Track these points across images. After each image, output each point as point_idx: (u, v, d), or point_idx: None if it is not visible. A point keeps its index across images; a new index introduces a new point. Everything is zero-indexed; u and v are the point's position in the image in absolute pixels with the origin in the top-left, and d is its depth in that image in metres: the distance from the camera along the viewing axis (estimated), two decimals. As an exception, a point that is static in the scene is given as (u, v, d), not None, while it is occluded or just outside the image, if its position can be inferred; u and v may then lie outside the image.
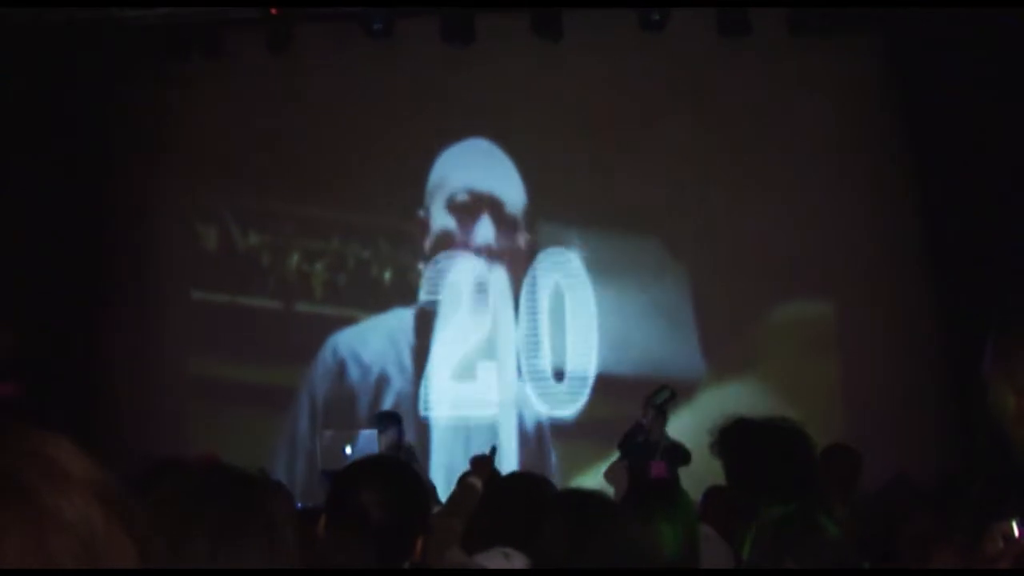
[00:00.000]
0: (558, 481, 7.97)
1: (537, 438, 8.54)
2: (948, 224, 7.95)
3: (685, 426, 7.53)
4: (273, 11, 8.11)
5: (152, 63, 8.44)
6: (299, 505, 5.87)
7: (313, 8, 8.28)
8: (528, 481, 3.43)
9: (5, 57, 7.37)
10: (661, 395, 7.00)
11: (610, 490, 6.51)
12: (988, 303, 7.00)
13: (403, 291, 8.77)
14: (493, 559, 2.70)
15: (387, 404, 8.40)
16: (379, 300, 8.76)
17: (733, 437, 2.99)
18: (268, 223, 8.73)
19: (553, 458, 8.49)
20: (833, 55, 8.36)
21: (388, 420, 7.21)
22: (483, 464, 5.50)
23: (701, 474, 4.93)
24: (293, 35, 8.39)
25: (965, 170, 7.69)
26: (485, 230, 8.77)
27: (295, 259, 8.76)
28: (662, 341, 8.51)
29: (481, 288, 8.68)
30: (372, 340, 8.68)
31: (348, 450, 6.92)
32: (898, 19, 8.06)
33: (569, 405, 8.57)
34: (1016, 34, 7.01)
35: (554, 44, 8.30)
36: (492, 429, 8.44)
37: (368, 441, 6.90)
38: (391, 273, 8.79)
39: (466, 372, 8.63)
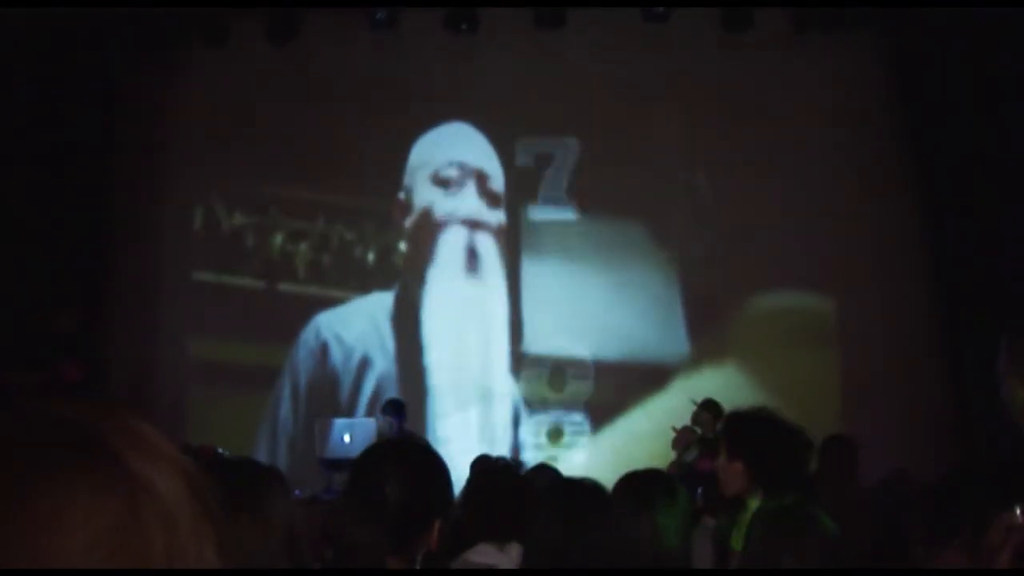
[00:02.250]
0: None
1: (515, 420, 8.51)
2: (948, 219, 7.95)
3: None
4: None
5: (154, 51, 8.42)
6: (297, 493, 5.85)
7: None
8: (514, 473, 3.41)
9: (9, 44, 7.36)
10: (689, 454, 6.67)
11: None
12: (987, 299, 7.00)
13: (388, 272, 8.76)
14: (485, 554, 2.67)
15: (369, 387, 8.39)
16: (364, 281, 8.75)
17: (734, 430, 2.99)
18: (265, 206, 8.71)
19: (531, 439, 8.47)
20: (836, 52, 8.33)
21: (389, 408, 7.21)
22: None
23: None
24: (296, 24, 8.37)
25: (967, 167, 7.68)
26: (469, 208, 8.75)
27: (301, 243, 8.75)
28: (654, 330, 8.52)
29: (468, 268, 8.66)
30: (354, 322, 8.65)
31: (347, 438, 6.92)
32: (901, 17, 8.03)
33: (575, 392, 8.55)
34: (1018, 33, 6.97)
35: (556, 35, 8.29)
36: (478, 409, 8.45)
37: (366, 429, 6.90)
38: (381, 252, 8.79)
39: (452, 352, 8.61)
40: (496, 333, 8.64)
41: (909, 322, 8.16)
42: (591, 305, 8.59)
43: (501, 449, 8.08)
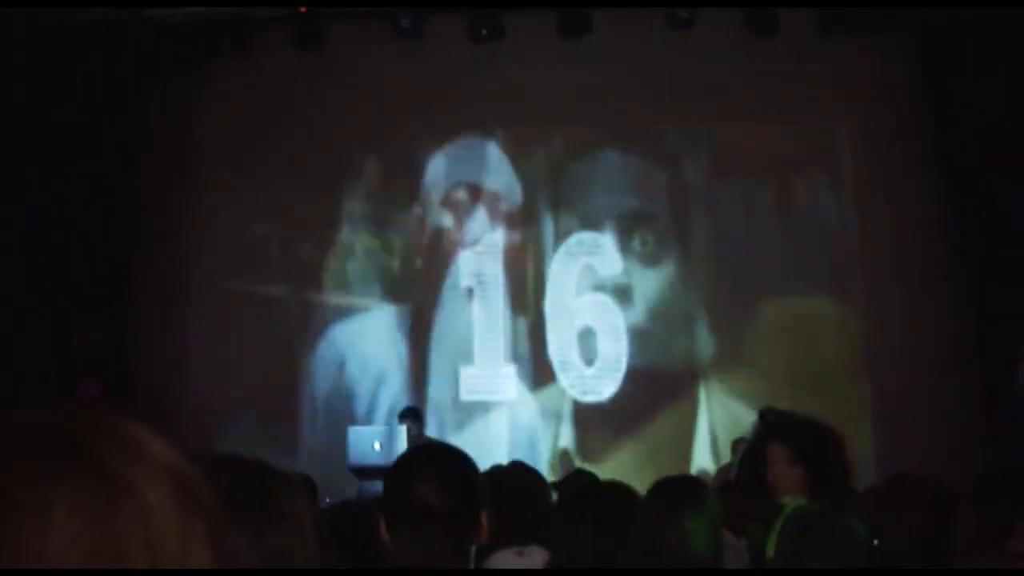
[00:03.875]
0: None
1: (531, 430, 8.48)
2: (977, 222, 7.87)
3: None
4: (302, 9, 8.17)
5: (180, 61, 8.52)
6: (328, 501, 5.89)
7: (342, 7, 8.32)
8: (528, 476, 3.40)
9: (37, 56, 7.47)
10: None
11: None
12: (1017, 305, 6.93)
13: (413, 281, 8.80)
14: (507, 561, 2.67)
15: (386, 400, 8.42)
16: (389, 289, 8.79)
17: (799, 437, 2.99)
18: (290, 214, 8.79)
19: (549, 450, 8.45)
20: (862, 54, 8.30)
21: (408, 415, 7.25)
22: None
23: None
24: (322, 34, 8.44)
25: (995, 169, 7.60)
26: (498, 221, 8.79)
27: (326, 251, 8.80)
28: (679, 337, 8.49)
29: (471, 295, 8.68)
30: (371, 335, 8.68)
31: (376, 446, 6.97)
32: (927, 18, 7.98)
33: (599, 391, 8.51)
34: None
35: (580, 42, 8.30)
36: (489, 422, 8.47)
37: (395, 436, 6.94)
38: (403, 264, 8.83)
39: (464, 365, 8.63)
40: (502, 357, 8.64)
41: (937, 327, 8.09)
42: (616, 314, 8.60)
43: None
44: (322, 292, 8.79)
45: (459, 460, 2.13)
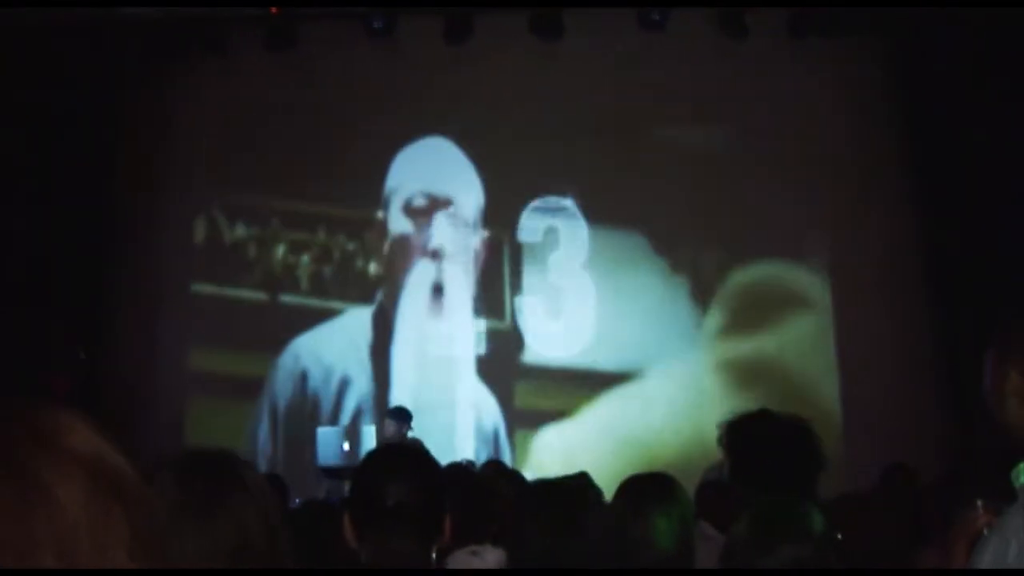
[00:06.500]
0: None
1: (494, 436, 8.49)
2: (947, 225, 7.95)
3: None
4: (273, 10, 8.14)
5: (152, 60, 8.46)
6: (296, 501, 5.86)
7: (313, 8, 8.29)
8: (472, 474, 3.40)
9: (6, 55, 7.39)
10: None
11: None
12: (985, 304, 7.01)
13: (391, 284, 8.77)
14: (464, 562, 2.65)
15: (350, 406, 8.43)
16: (366, 292, 8.77)
17: (741, 431, 2.99)
18: (266, 217, 8.75)
19: (510, 456, 8.40)
20: (833, 56, 8.36)
21: (395, 415, 7.21)
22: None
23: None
24: (294, 34, 8.41)
25: (966, 173, 7.68)
26: (439, 239, 8.75)
27: (303, 254, 8.77)
28: (651, 341, 8.52)
29: (433, 306, 8.67)
30: (334, 341, 8.64)
31: (346, 446, 6.95)
32: (899, 21, 8.05)
33: (568, 391, 8.51)
34: (1018, 36, 6.99)
35: (552, 43, 8.31)
36: (451, 428, 8.45)
37: (366, 437, 6.92)
38: (377, 266, 8.80)
39: (427, 372, 8.60)
40: (471, 358, 8.62)
41: (908, 331, 8.16)
42: (594, 313, 8.62)
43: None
44: (295, 294, 8.74)
45: (425, 461, 2.14)
